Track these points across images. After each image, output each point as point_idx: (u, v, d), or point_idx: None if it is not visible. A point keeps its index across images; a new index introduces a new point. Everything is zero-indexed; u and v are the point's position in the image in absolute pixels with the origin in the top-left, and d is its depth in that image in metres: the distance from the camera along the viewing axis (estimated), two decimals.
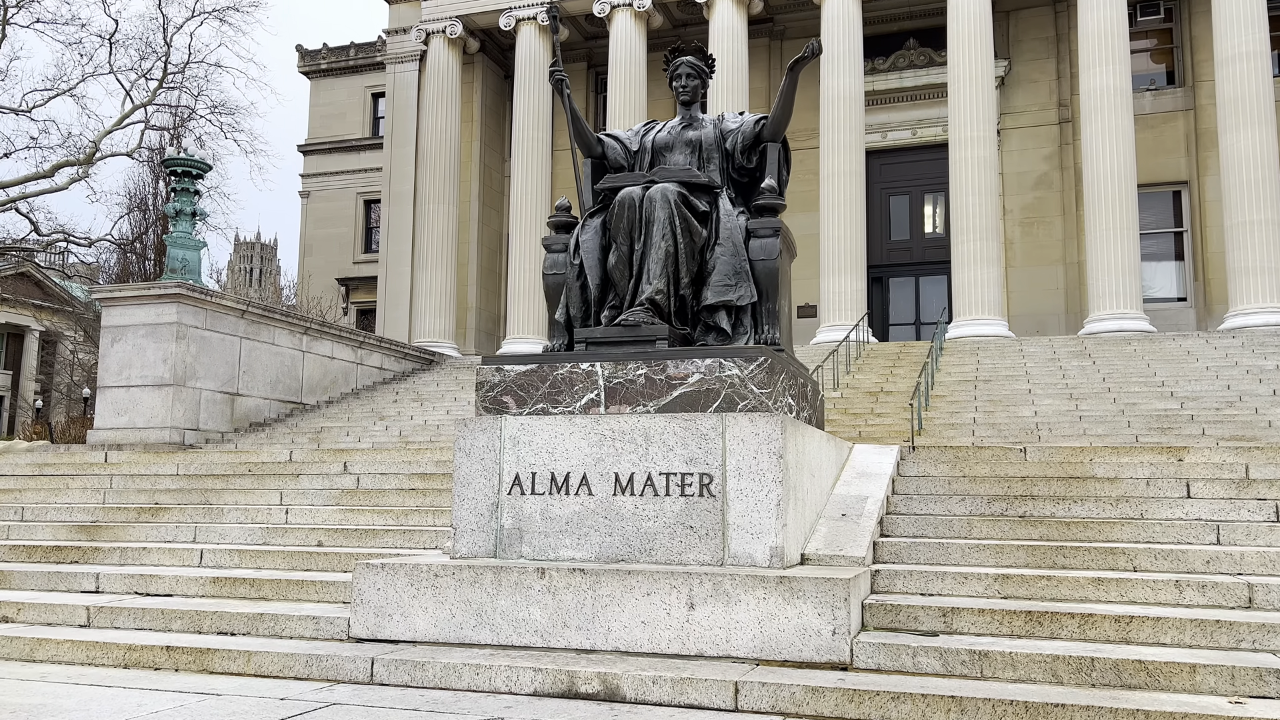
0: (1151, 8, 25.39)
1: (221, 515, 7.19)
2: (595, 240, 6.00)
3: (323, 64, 41.21)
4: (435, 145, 27.29)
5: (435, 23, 27.57)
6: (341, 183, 39.71)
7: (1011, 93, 25.98)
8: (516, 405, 5.36)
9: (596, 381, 5.24)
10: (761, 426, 4.90)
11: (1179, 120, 25.04)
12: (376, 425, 18.28)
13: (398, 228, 28.37)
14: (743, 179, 6.53)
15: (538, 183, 26.48)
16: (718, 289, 5.68)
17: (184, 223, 18.94)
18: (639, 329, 5.43)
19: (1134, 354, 18.98)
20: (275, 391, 19.90)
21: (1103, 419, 14.53)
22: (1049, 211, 25.83)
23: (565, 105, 6.51)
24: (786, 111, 6.32)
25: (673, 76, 6.71)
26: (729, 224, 5.81)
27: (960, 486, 6.52)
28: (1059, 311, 25.45)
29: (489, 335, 29.54)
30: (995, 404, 16.07)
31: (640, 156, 6.66)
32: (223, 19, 30.96)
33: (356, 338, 22.20)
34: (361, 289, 37.98)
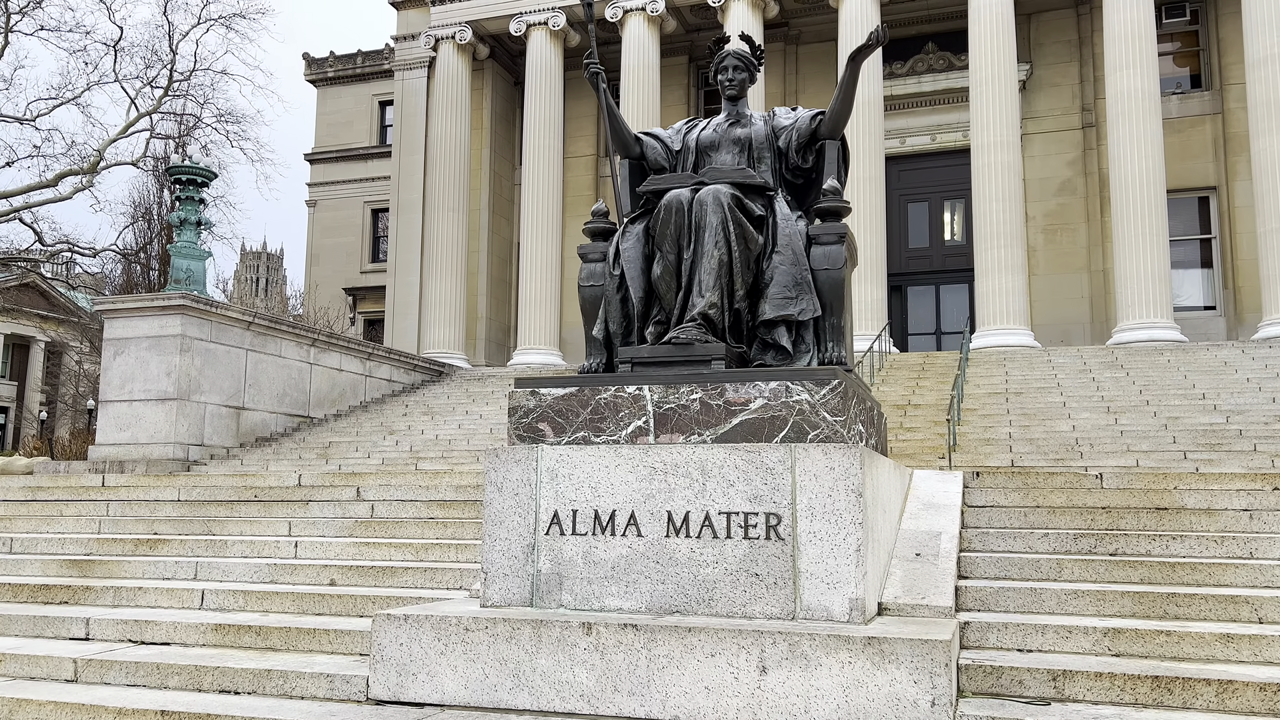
0: (1177, 10, 24.80)
1: (225, 549, 6.59)
2: (637, 249, 5.41)
3: (329, 72, 40.78)
4: (444, 153, 26.78)
5: (444, 29, 27.08)
6: (349, 191, 39.24)
7: (1033, 97, 25.40)
8: (554, 434, 4.76)
9: (645, 407, 4.64)
10: (837, 459, 4.30)
11: (1206, 124, 24.42)
12: (386, 440, 17.70)
13: (406, 237, 27.85)
14: (797, 180, 5.94)
15: (549, 191, 25.94)
16: (777, 302, 5.08)
17: (188, 232, 18.42)
18: (691, 347, 4.83)
19: (1168, 365, 18.34)
20: (282, 405, 19.34)
21: (1145, 434, 13.91)
22: (1072, 218, 25.21)
23: (601, 101, 5.93)
24: (847, 106, 5.73)
25: (718, 70, 6.13)
26: (788, 230, 5.21)
27: (1038, 519, 5.92)
28: (1084, 320, 24.81)
29: (499, 346, 28.98)
30: (1030, 418, 15.44)
31: (683, 156, 6.07)
32: (229, 26, 30.53)
33: (365, 349, 21.65)
34: (369, 299, 37.46)
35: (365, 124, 40.02)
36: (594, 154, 29.11)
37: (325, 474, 8.31)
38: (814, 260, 5.20)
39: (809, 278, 5.17)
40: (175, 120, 29.90)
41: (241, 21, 30.33)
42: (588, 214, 29.16)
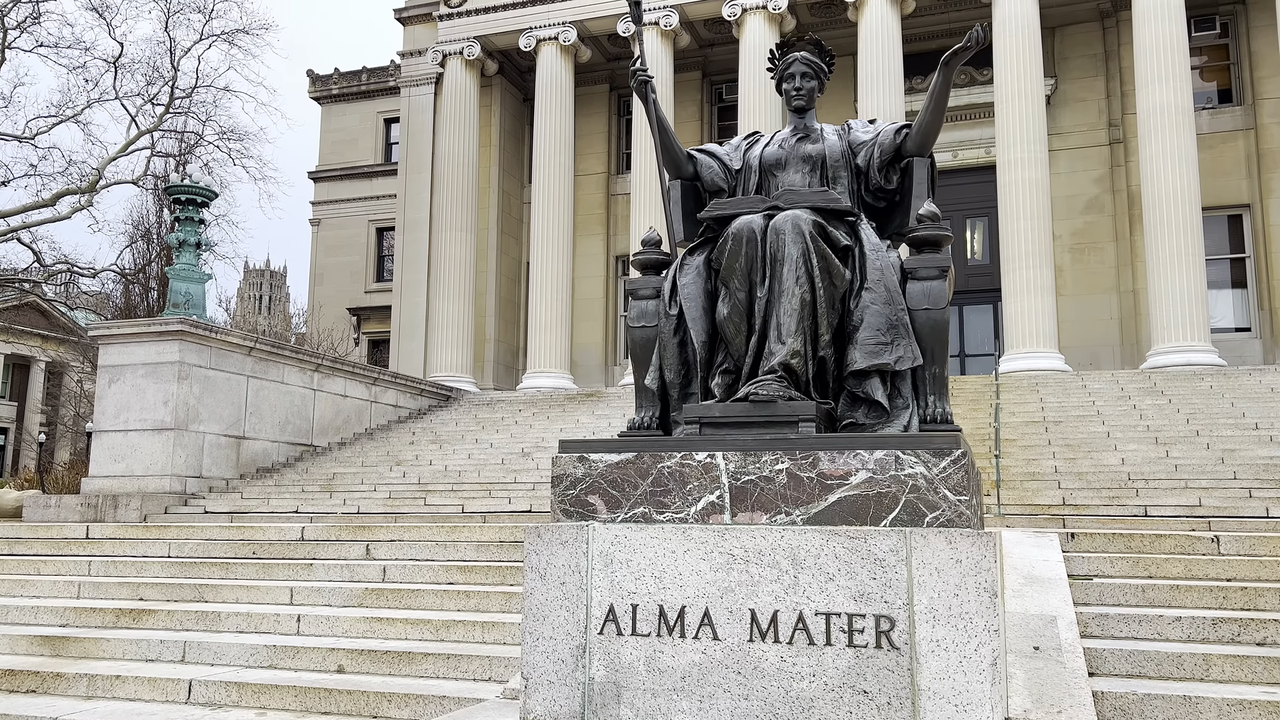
0: (1206, 23, 24.11)
1: (219, 622, 5.77)
2: (698, 284, 4.61)
3: (334, 89, 40.22)
4: (452, 170, 26.07)
5: (452, 44, 26.44)
6: (353, 210, 38.59)
7: (1058, 112, 24.67)
8: (607, 509, 3.95)
9: (719, 478, 3.83)
10: (965, 551, 3.48)
11: (1238, 140, 23.67)
12: (393, 471, 16.89)
13: (412, 256, 27.12)
14: (878, 203, 5.15)
15: (559, 209, 25.22)
16: (869, 348, 4.27)
17: (188, 254, 17.67)
18: (773, 406, 4.02)
19: (1211, 391, 17.51)
20: (284, 433, 18.54)
21: (1202, 468, 13.06)
22: (1100, 237, 24.43)
23: (650, 112, 5.14)
24: (938, 118, 4.95)
25: (783, 77, 5.34)
26: (879, 262, 4.40)
27: (1158, 596, 5.12)
28: (1113, 343, 23.99)
29: (508, 368, 28.19)
30: (1074, 449, 14.61)
31: (744, 176, 5.28)
32: (232, 42, 29.92)
33: (370, 374, 20.87)
34: (374, 319, 36.74)
35: (370, 141, 39.42)
36: (605, 172, 28.41)
37: (331, 526, 7.49)
38: (911, 298, 4.39)
39: (905, 319, 4.36)
40: (176, 138, 29.23)
41: (245, 37, 29.72)
42: (599, 232, 28.55)
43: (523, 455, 17.04)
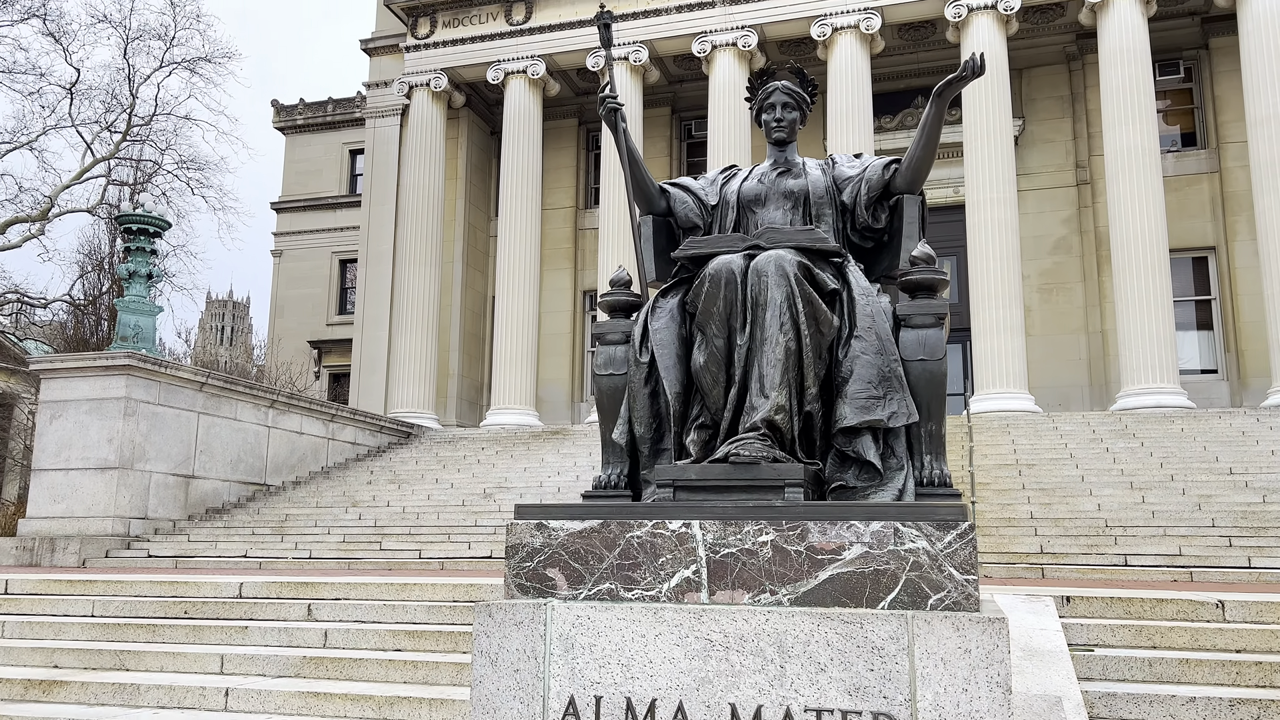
0: (1171, 67, 24.35)
1: (137, 695, 5.19)
2: (672, 329, 4.19)
3: (299, 119, 39.71)
4: (417, 203, 25.62)
5: (419, 75, 26.10)
6: (316, 241, 37.95)
7: (1026, 153, 24.73)
8: (569, 584, 3.49)
9: (695, 551, 3.39)
10: (975, 639, 3.06)
11: (1203, 183, 23.82)
12: (349, 513, 16.26)
13: (375, 289, 26.55)
14: (865, 243, 4.77)
15: (526, 243, 24.82)
16: (860, 403, 3.87)
17: (138, 285, 17.04)
18: (757, 468, 3.59)
19: (1182, 434, 17.36)
20: (236, 472, 17.85)
21: (1179, 515, 12.82)
22: (1068, 277, 24.43)
23: (620, 142, 4.75)
24: (930, 152, 4.60)
25: (762, 107, 4.97)
26: (869, 308, 4.01)
27: (1166, 671, 4.73)
28: (1082, 384, 23.89)
29: (471, 404, 27.60)
30: (1049, 494, 14.33)
31: (720, 212, 4.89)
32: (193, 70, 29.38)
33: (328, 410, 20.23)
34: (335, 352, 36.01)
35: (335, 173, 38.90)
36: (573, 206, 28.10)
37: (271, 583, 6.92)
38: (905, 348, 4.00)
39: (899, 371, 3.97)
40: (133, 166, 28.54)
41: (207, 66, 29.19)
42: (567, 267, 28.16)
43: (484, 496, 16.48)
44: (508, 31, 25.54)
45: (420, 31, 26.31)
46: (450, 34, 26.10)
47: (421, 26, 26.32)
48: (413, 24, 26.40)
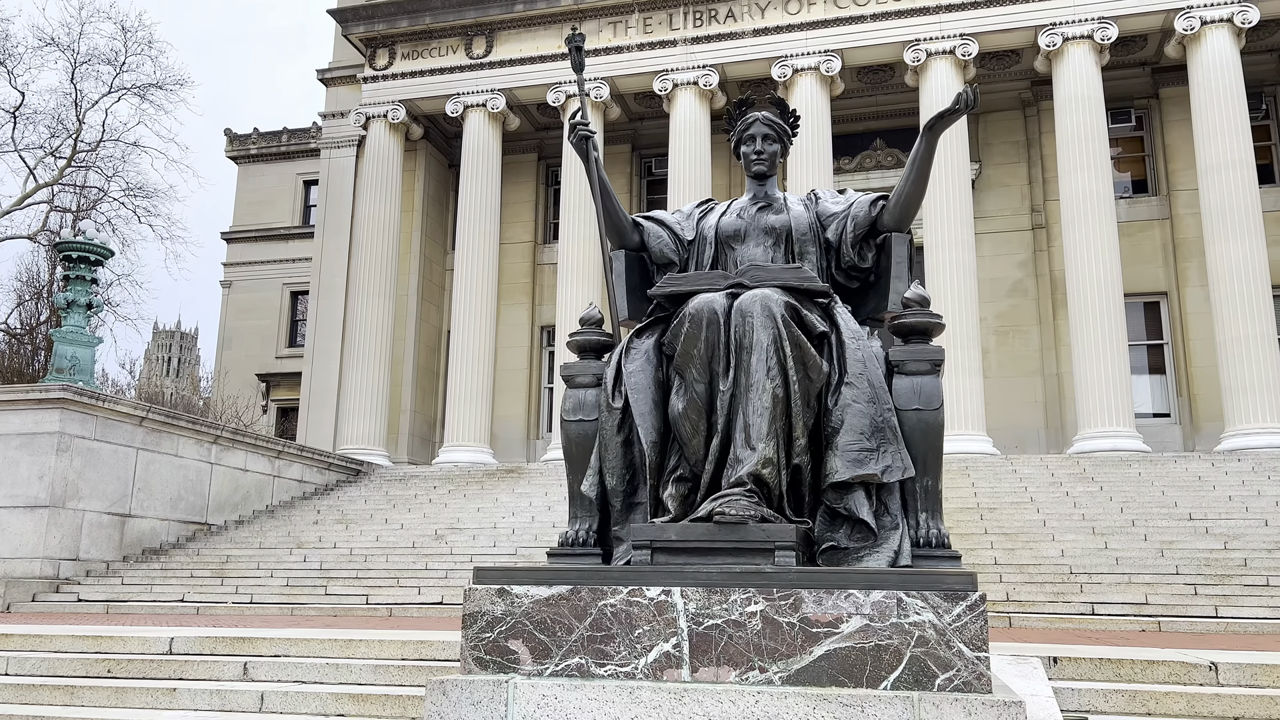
0: (1123, 115, 24.78)
1: None
2: (648, 372, 3.86)
3: (252, 149, 39.11)
4: (372, 234, 25.14)
5: (376, 107, 25.74)
6: (267, 272, 37.22)
7: (982, 197, 24.95)
8: (534, 659, 3.12)
9: (676, 622, 3.04)
10: None
11: (1155, 229, 24.19)
12: (293, 555, 15.63)
13: (327, 322, 25.94)
14: (850, 283, 4.51)
15: (483, 278, 24.44)
16: (852, 456, 3.57)
17: (77, 315, 16.37)
18: (744, 529, 3.27)
19: (1140, 478, 17.38)
20: (176, 511, 17.13)
21: (1143, 562, 12.71)
22: (1025, 320, 24.58)
23: (592, 172, 4.45)
24: (920, 189, 4.36)
25: (741, 139, 4.71)
26: (860, 352, 3.72)
27: None
28: (1038, 426, 23.96)
29: (424, 441, 26.99)
30: (1012, 539, 14.18)
31: (697, 248, 4.60)
32: (143, 96, 28.76)
33: (274, 447, 19.57)
34: (284, 385, 35.19)
35: (288, 203, 38.28)
36: (532, 241, 27.82)
37: (204, 639, 6.42)
38: (899, 396, 3.71)
39: (893, 421, 3.67)
40: (76, 192, 27.75)
41: (158, 92, 28.61)
42: (525, 302, 27.79)
43: (436, 538, 15.94)
44: (468, 65, 25.32)
45: (379, 63, 26.00)
46: (409, 66, 25.82)
47: (380, 58, 26.02)
48: (371, 55, 26.09)
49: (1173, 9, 21.25)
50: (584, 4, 24.26)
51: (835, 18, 23.18)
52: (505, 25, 25.11)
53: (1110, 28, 21.54)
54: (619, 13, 24.34)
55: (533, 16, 24.82)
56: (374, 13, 25.74)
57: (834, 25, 23.17)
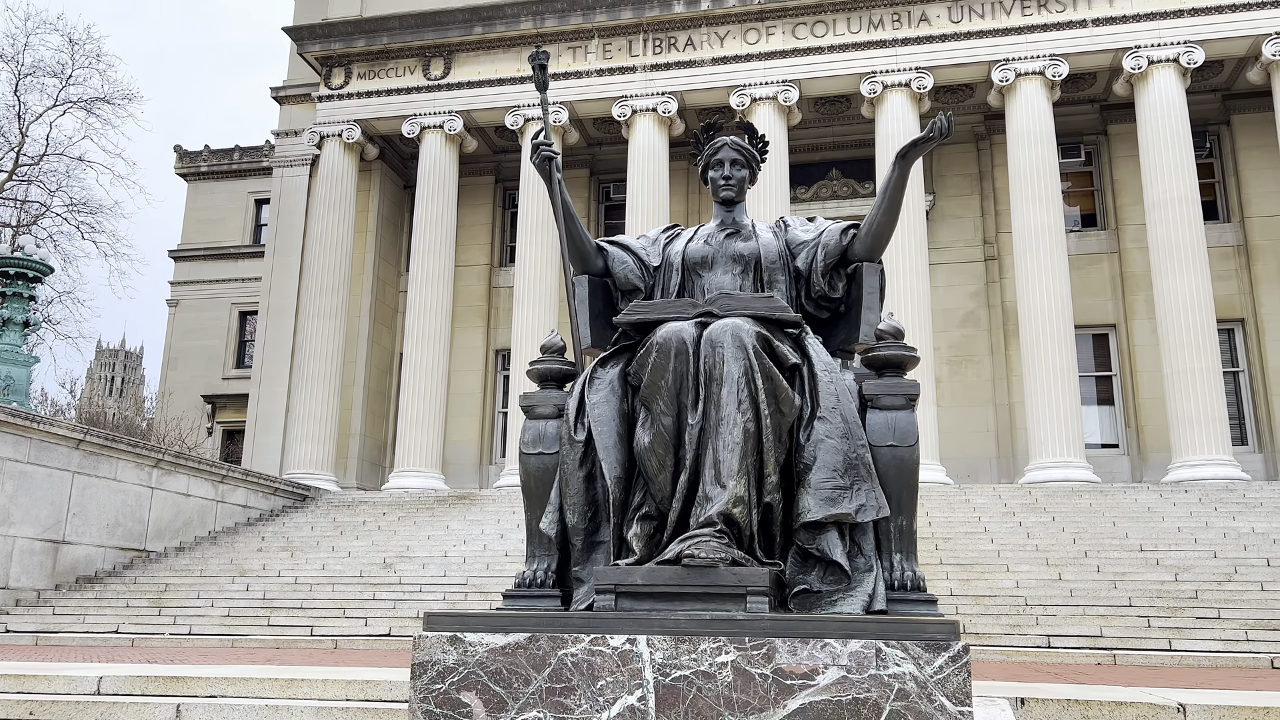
0: (1073, 151, 25.23)
1: None
2: (612, 404, 3.68)
3: (203, 166, 38.44)
4: (324, 255, 24.72)
5: (331, 126, 25.40)
6: (216, 292, 36.49)
7: (936, 228, 25.22)
8: (488, 711, 2.92)
9: (641, 673, 2.85)
10: None
11: (1104, 263, 24.61)
12: (235, 584, 15.14)
13: (275, 342, 25.41)
14: (820, 313, 4.38)
15: (438, 300, 24.12)
16: (825, 495, 3.41)
17: (12, 333, 15.81)
18: (714, 573, 3.09)
19: (1091, 509, 17.51)
20: (113, 537, 16.54)
21: (1097, 594, 12.74)
22: (977, 350, 24.81)
23: (555, 194, 4.28)
24: (893, 218, 4.25)
25: (709, 164, 4.58)
26: (832, 385, 3.58)
27: None
28: (990, 456, 24.14)
29: (373, 466, 26.48)
30: (967, 570, 14.15)
31: (663, 275, 4.45)
32: (90, 110, 28.13)
33: (218, 471, 19.02)
34: (230, 407, 34.42)
35: (239, 222, 37.64)
36: (488, 263, 27.57)
37: (136, 679, 6.08)
38: (873, 432, 3.58)
39: (867, 457, 3.53)
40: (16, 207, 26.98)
41: (105, 107, 28.02)
42: (479, 325, 27.48)
43: (384, 567, 15.55)
44: (425, 86, 25.11)
45: (334, 82, 25.69)
46: (366, 85, 25.55)
47: (336, 77, 25.71)
48: (327, 74, 25.78)
49: (1121, 48, 21.72)
50: (544, 28, 24.22)
51: (793, 48, 23.37)
52: (464, 47, 24.97)
53: (1061, 65, 21.95)
54: (579, 38, 24.33)
55: (492, 39, 24.72)
56: (330, 32, 25.46)
57: (792, 56, 23.36)
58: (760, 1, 23.29)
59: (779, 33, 23.55)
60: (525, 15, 24.35)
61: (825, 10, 23.30)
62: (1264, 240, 23.47)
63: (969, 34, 22.53)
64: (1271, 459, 22.58)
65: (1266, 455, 22.68)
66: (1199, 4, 21.42)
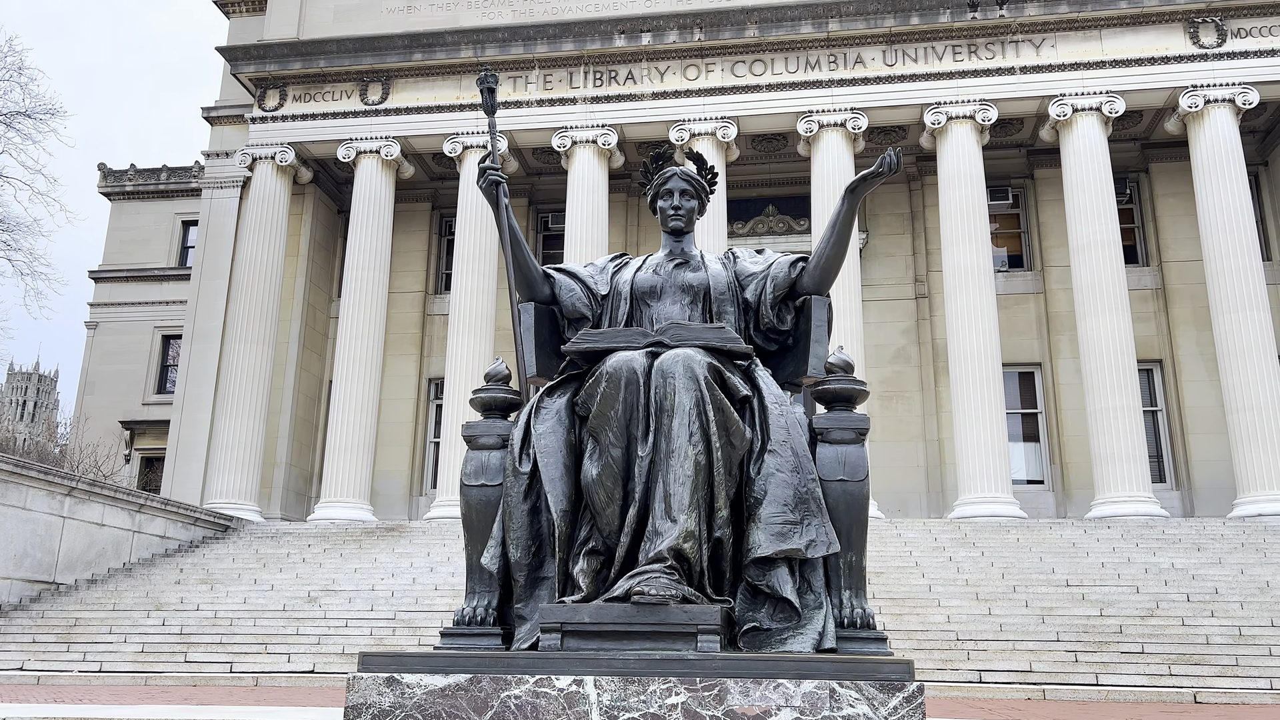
0: (1001, 193, 25.92)
1: None
2: (559, 434, 3.58)
3: (128, 185, 37.45)
4: (253, 278, 24.15)
5: (264, 148, 24.93)
6: (138, 314, 35.44)
7: (869, 265, 25.65)
8: None
9: (588, 716, 2.76)
10: None
11: (1030, 302, 25.24)
12: (151, 618, 14.54)
13: (200, 367, 24.68)
14: (768, 345, 4.34)
15: (370, 327, 23.71)
16: (775, 529, 3.35)
17: None
18: (665, 610, 3.00)
19: (1018, 544, 17.80)
20: (20, 569, 15.79)
21: (1025, 629, 12.91)
22: (908, 386, 25.19)
23: (502, 219, 4.19)
24: (841, 250, 4.24)
25: (658, 193, 4.53)
26: (783, 418, 3.53)
27: None
28: (920, 490, 24.45)
29: (299, 495, 25.80)
30: (899, 604, 14.23)
31: (611, 304, 4.37)
32: (9, 124, 27.15)
33: (135, 500, 18.32)
34: (150, 434, 33.32)
35: (164, 243, 36.69)
36: (422, 291, 27.23)
37: (48, 704, 5.73)
38: (823, 466, 3.53)
39: (817, 492, 3.48)
40: None
41: (25, 121, 27.07)
42: (412, 353, 27.07)
43: (309, 600, 15.07)
44: (363, 110, 24.84)
45: (269, 103, 25.26)
46: (301, 108, 25.17)
47: (270, 98, 25.29)
48: (261, 95, 25.34)
49: (1047, 95, 22.44)
50: (484, 57, 24.17)
51: (732, 85, 23.67)
52: (403, 73, 24.78)
53: (990, 110, 22.58)
54: (520, 68, 24.33)
55: (432, 66, 24.58)
56: (266, 53, 25.07)
57: (731, 93, 23.65)
58: (700, 38, 23.58)
59: (718, 70, 23.85)
60: (466, 43, 24.28)
61: (764, 49, 23.68)
62: (1180, 284, 24.32)
63: (903, 77, 23.07)
64: (1188, 496, 23.26)
65: (1183, 492, 23.37)
66: (1120, 56, 22.28)
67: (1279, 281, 23.89)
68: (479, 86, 4.41)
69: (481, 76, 4.42)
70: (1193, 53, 22.09)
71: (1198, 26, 22.20)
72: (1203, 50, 22.07)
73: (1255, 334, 20.66)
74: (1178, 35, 22.28)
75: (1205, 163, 21.76)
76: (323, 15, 25.82)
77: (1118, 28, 22.50)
